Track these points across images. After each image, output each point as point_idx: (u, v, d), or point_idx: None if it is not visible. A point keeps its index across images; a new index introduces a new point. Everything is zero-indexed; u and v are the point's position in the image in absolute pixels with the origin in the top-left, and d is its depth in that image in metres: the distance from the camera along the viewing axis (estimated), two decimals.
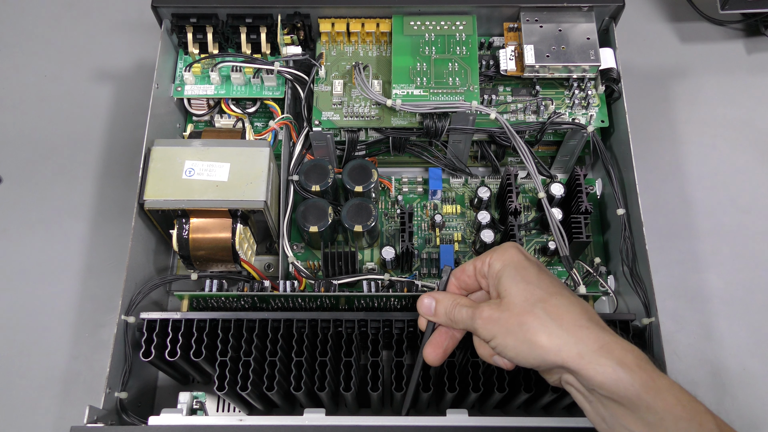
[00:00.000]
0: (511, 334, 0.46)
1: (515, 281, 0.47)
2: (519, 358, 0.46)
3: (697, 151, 0.82)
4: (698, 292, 0.74)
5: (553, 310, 0.45)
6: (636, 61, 0.87)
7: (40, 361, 0.71)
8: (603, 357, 0.43)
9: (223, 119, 0.77)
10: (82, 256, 0.76)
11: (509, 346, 0.46)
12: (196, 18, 0.72)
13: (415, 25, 0.71)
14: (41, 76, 0.88)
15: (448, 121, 0.68)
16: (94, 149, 0.82)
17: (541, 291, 0.47)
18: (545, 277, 0.48)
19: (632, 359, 0.43)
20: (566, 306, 0.46)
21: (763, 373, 0.70)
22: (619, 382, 0.42)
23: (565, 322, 0.45)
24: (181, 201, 0.64)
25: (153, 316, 0.60)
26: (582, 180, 0.68)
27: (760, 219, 0.78)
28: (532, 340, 0.45)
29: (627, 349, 0.44)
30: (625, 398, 0.42)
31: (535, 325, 0.45)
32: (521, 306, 0.46)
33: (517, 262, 0.49)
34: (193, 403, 0.64)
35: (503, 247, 0.50)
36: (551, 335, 0.44)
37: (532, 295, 0.46)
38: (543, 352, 0.44)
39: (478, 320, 0.48)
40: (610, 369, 0.42)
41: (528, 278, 0.47)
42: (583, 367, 0.43)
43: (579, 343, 0.44)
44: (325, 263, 0.67)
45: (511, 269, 0.48)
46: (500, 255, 0.49)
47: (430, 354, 0.52)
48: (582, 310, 0.46)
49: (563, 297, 0.47)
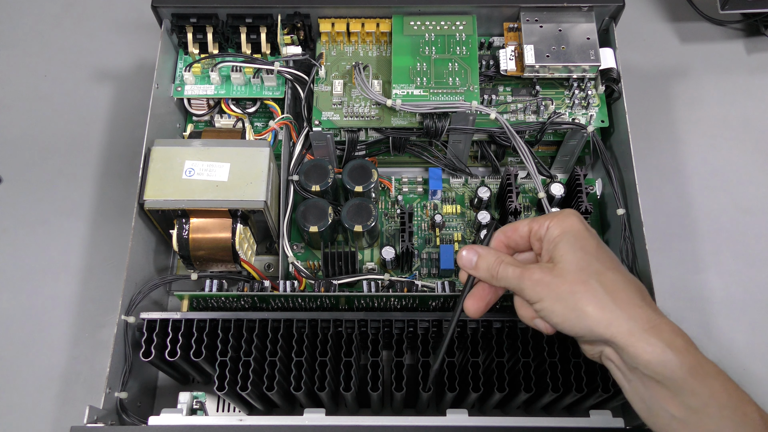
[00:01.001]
0: (561, 300, 0.45)
1: (573, 249, 0.47)
2: (564, 325, 0.46)
3: (697, 151, 0.82)
4: (698, 292, 0.74)
5: (609, 284, 0.45)
6: (636, 61, 0.87)
7: (40, 361, 0.71)
8: (653, 337, 0.43)
9: (223, 119, 0.77)
10: (82, 256, 0.76)
11: (557, 312, 0.46)
12: (196, 18, 0.72)
13: (415, 25, 0.71)
14: (41, 76, 0.88)
15: (448, 121, 0.68)
16: (94, 149, 0.82)
17: (598, 263, 0.46)
18: (604, 251, 0.48)
19: (681, 342, 0.43)
20: (622, 282, 0.46)
21: (763, 373, 0.70)
22: (666, 363, 0.42)
23: (619, 298, 0.45)
24: (181, 201, 0.64)
25: (153, 316, 0.60)
26: (582, 180, 0.68)
27: (760, 219, 0.78)
28: (582, 310, 0.44)
29: (677, 332, 0.44)
30: (671, 380, 0.42)
31: (588, 295, 0.45)
32: (576, 274, 0.46)
33: (577, 231, 0.48)
34: (193, 403, 0.64)
35: (564, 214, 0.49)
36: (603, 308, 0.44)
37: (589, 265, 0.46)
38: (592, 323, 0.44)
39: (527, 281, 0.47)
40: (659, 349, 0.42)
41: (587, 248, 0.47)
42: (631, 344, 0.43)
43: (630, 320, 0.44)
44: (325, 263, 0.67)
45: (571, 237, 0.47)
46: (560, 221, 0.48)
47: (472, 306, 0.51)
48: (637, 289, 0.46)
49: (620, 273, 0.46)
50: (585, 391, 0.56)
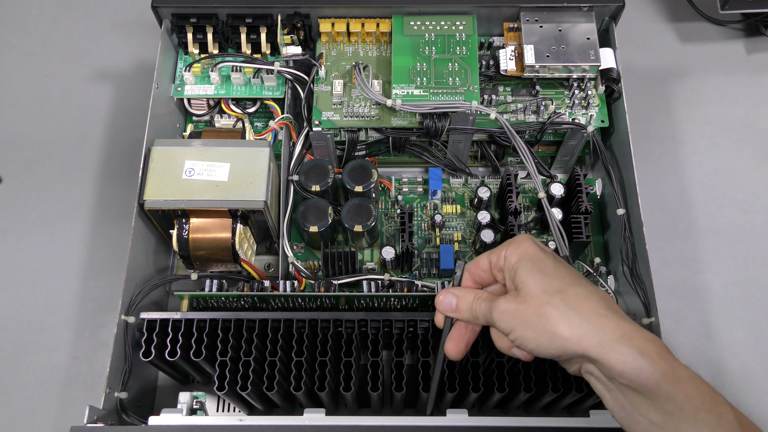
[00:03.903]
0: (530, 326, 0.46)
1: (532, 273, 0.47)
2: (539, 350, 0.46)
3: (697, 151, 0.82)
4: (698, 292, 0.74)
5: (572, 299, 0.45)
6: (636, 61, 0.87)
7: (40, 361, 0.71)
8: (624, 345, 0.43)
9: (223, 119, 0.77)
10: (82, 256, 0.76)
11: (529, 338, 0.46)
12: (196, 18, 0.72)
13: (415, 25, 0.71)
14: (41, 76, 0.88)
15: (448, 121, 0.68)
16: (94, 149, 0.82)
17: (558, 282, 0.46)
18: (562, 268, 0.48)
19: (653, 348, 0.43)
20: (585, 295, 0.46)
21: (763, 373, 0.70)
22: (639, 371, 0.42)
23: (585, 311, 0.45)
24: (181, 201, 0.64)
25: (153, 316, 0.60)
26: (582, 180, 0.68)
27: (760, 219, 0.78)
28: (552, 331, 0.45)
29: (648, 338, 0.44)
30: (645, 387, 0.42)
31: (554, 315, 0.45)
32: (539, 297, 0.46)
33: (532, 254, 0.48)
34: (193, 403, 0.64)
35: (517, 240, 0.50)
36: (571, 325, 0.44)
37: (549, 286, 0.46)
38: (563, 342, 0.44)
39: (495, 313, 0.48)
40: (631, 358, 0.42)
41: (545, 269, 0.47)
42: (603, 355, 0.43)
43: (599, 332, 0.44)
44: (325, 263, 0.67)
45: (527, 261, 0.48)
46: (515, 248, 0.49)
47: (452, 349, 0.52)
48: (601, 299, 0.46)
49: (581, 287, 0.46)
50: (585, 391, 0.56)
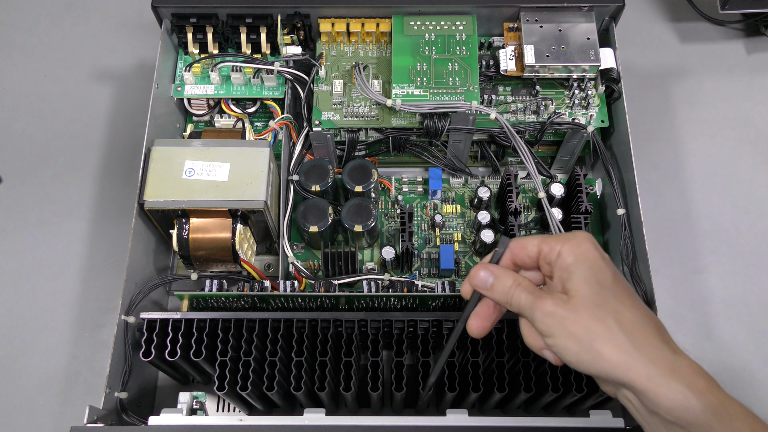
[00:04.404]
0: (575, 338, 0.42)
1: (588, 282, 0.43)
2: (578, 365, 0.43)
3: (697, 151, 0.82)
4: (698, 292, 0.74)
5: (627, 323, 0.42)
6: (636, 61, 0.87)
7: (40, 361, 0.71)
8: (673, 380, 0.40)
9: (223, 119, 0.77)
10: (82, 256, 0.76)
11: (570, 351, 0.43)
12: (196, 18, 0.72)
13: (415, 25, 0.71)
14: (41, 76, 0.88)
15: (448, 121, 0.68)
16: (94, 149, 0.82)
17: (615, 300, 0.43)
18: (620, 283, 0.44)
19: (703, 383, 0.41)
20: (641, 321, 0.43)
21: (763, 373, 0.70)
22: (688, 408, 0.40)
23: (638, 339, 0.42)
24: (181, 201, 0.64)
25: (153, 316, 0.60)
26: (582, 180, 0.68)
27: (760, 219, 0.78)
28: (598, 351, 0.42)
29: (698, 372, 0.41)
30: (694, 425, 0.40)
31: (604, 335, 0.42)
32: (592, 311, 0.42)
33: (592, 261, 0.44)
34: (193, 403, 0.64)
35: (577, 239, 0.45)
36: (621, 350, 0.41)
37: (605, 302, 0.43)
38: (609, 366, 0.42)
39: (538, 312, 0.44)
40: (680, 394, 0.40)
41: (603, 281, 0.44)
42: (651, 389, 0.41)
43: (649, 364, 0.41)
44: (325, 263, 0.67)
45: (586, 267, 0.44)
46: (573, 247, 0.45)
47: (476, 325, 0.48)
48: (656, 328, 0.43)
49: (638, 309, 0.43)
50: (585, 391, 0.56)
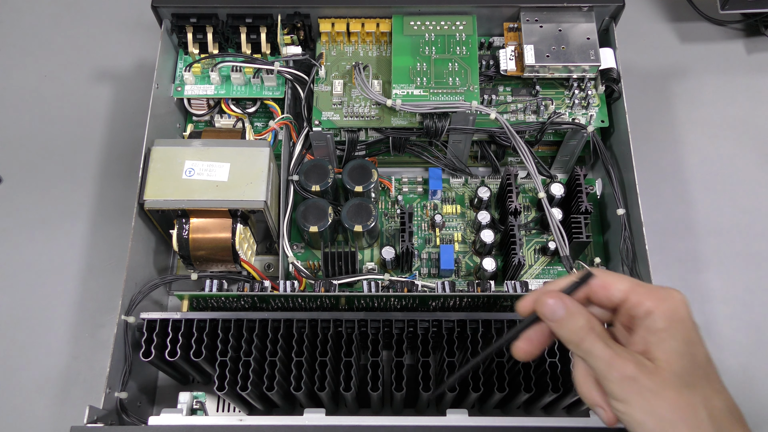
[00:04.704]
0: (656, 417, 0.37)
1: (682, 356, 0.39)
2: None
3: (697, 151, 0.82)
4: (698, 292, 0.74)
5: (717, 414, 0.38)
6: (636, 61, 0.87)
7: (40, 361, 0.71)
8: None
9: (223, 119, 0.77)
10: (82, 256, 0.76)
11: (646, 427, 0.38)
12: (196, 18, 0.72)
13: (415, 25, 0.71)
14: (41, 76, 0.88)
15: (448, 121, 0.68)
16: (94, 149, 0.82)
17: (707, 383, 0.39)
18: (711, 363, 0.40)
19: None
20: (730, 412, 0.39)
21: (763, 373, 0.70)
22: None
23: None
24: (181, 201, 0.64)
25: (153, 316, 0.60)
26: (582, 180, 0.68)
27: (760, 219, 0.78)
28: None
29: None
30: None
31: (692, 425, 0.37)
32: (681, 392, 0.38)
33: (687, 333, 0.40)
34: (193, 403, 0.64)
35: (673, 301, 0.40)
36: None
37: (697, 384, 0.38)
38: None
39: (616, 372, 0.38)
40: None
41: (697, 359, 0.39)
42: None
43: None
44: (325, 263, 0.67)
45: (680, 339, 0.39)
46: (668, 312, 0.40)
47: (524, 349, 0.43)
48: (740, 419, 0.39)
49: (726, 397, 0.40)
50: None
